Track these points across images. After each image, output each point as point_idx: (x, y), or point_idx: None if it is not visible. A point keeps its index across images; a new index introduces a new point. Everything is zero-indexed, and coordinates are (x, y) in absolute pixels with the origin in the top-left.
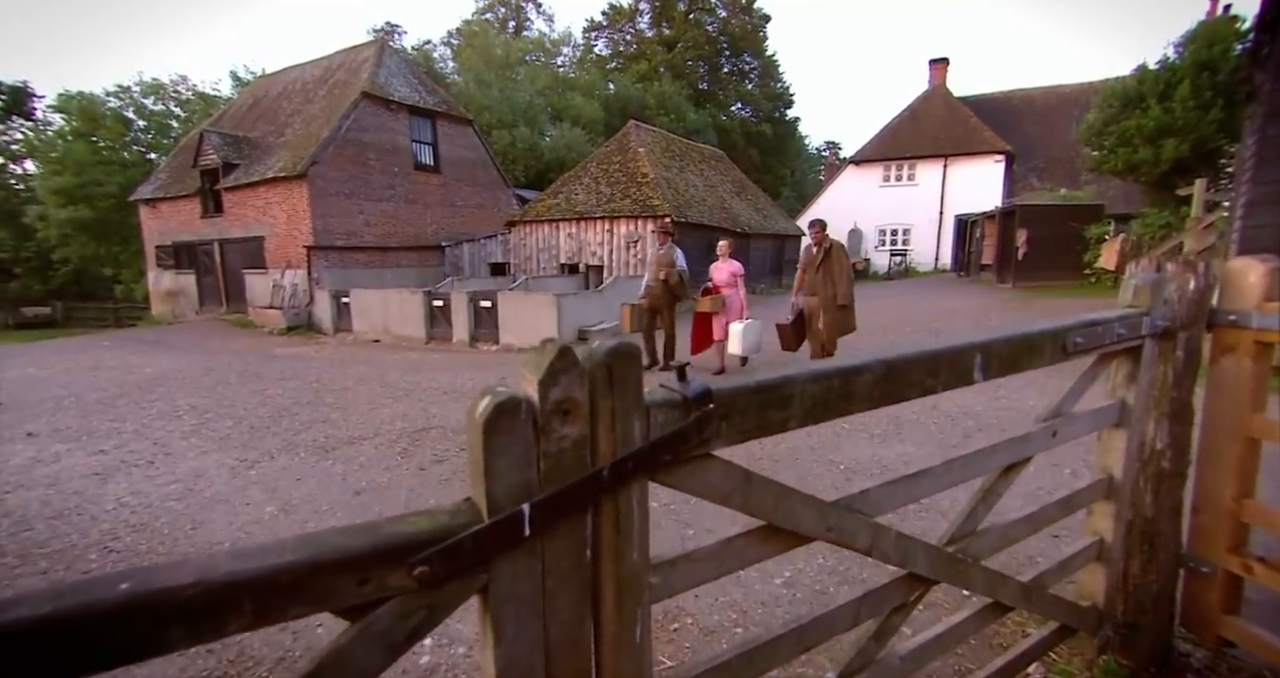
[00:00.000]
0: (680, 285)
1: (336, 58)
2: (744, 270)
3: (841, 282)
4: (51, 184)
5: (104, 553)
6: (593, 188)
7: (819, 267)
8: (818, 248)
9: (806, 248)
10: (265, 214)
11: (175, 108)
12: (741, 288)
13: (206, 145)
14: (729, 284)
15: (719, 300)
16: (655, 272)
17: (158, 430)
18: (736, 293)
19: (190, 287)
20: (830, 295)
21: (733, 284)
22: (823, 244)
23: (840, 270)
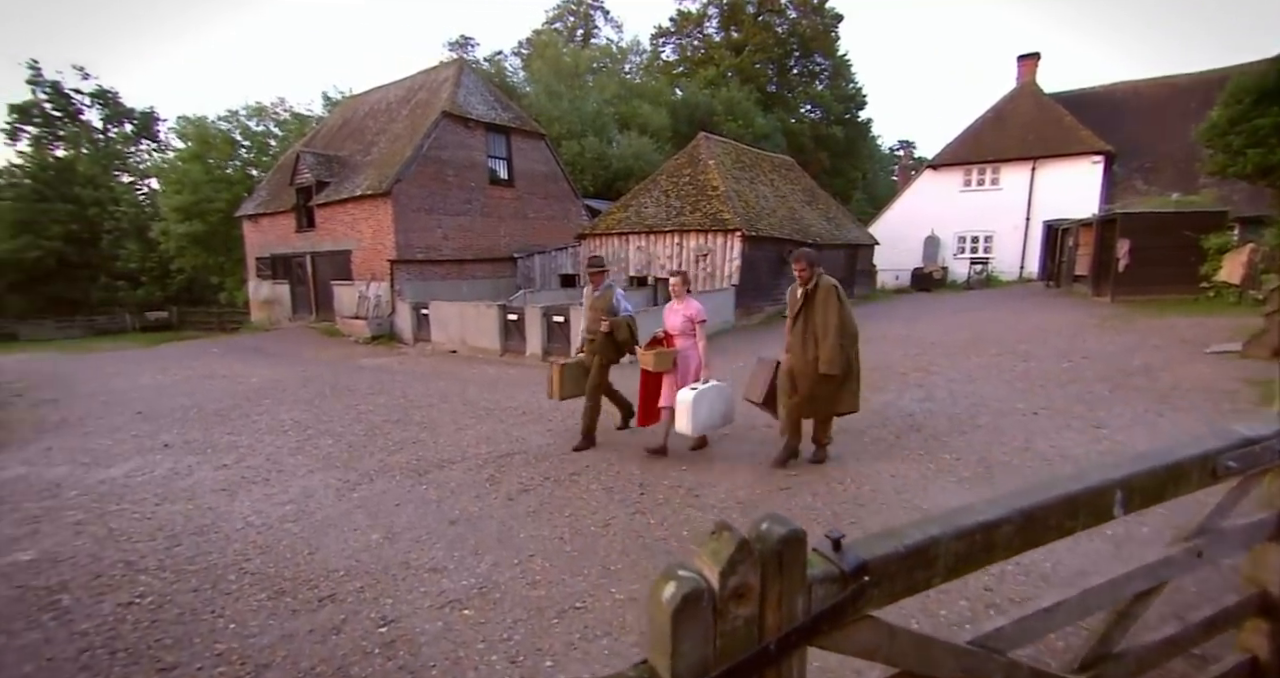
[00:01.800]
0: (630, 336)
1: (418, 78)
2: (705, 313)
3: (827, 339)
4: (172, 202)
5: (240, 574)
6: (662, 201)
7: (797, 315)
8: (801, 288)
9: (791, 289)
10: (353, 229)
11: (274, 127)
12: (702, 337)
13: (302, 165)
14: (685, 332)
15: (667, 356)
16: (591, 319)
17: (268, 446)
18: (695, 345)
19: (285, 296)
20: (809, 359)
21: (690, 332)
22: (807, 283)
23: (827, 322)
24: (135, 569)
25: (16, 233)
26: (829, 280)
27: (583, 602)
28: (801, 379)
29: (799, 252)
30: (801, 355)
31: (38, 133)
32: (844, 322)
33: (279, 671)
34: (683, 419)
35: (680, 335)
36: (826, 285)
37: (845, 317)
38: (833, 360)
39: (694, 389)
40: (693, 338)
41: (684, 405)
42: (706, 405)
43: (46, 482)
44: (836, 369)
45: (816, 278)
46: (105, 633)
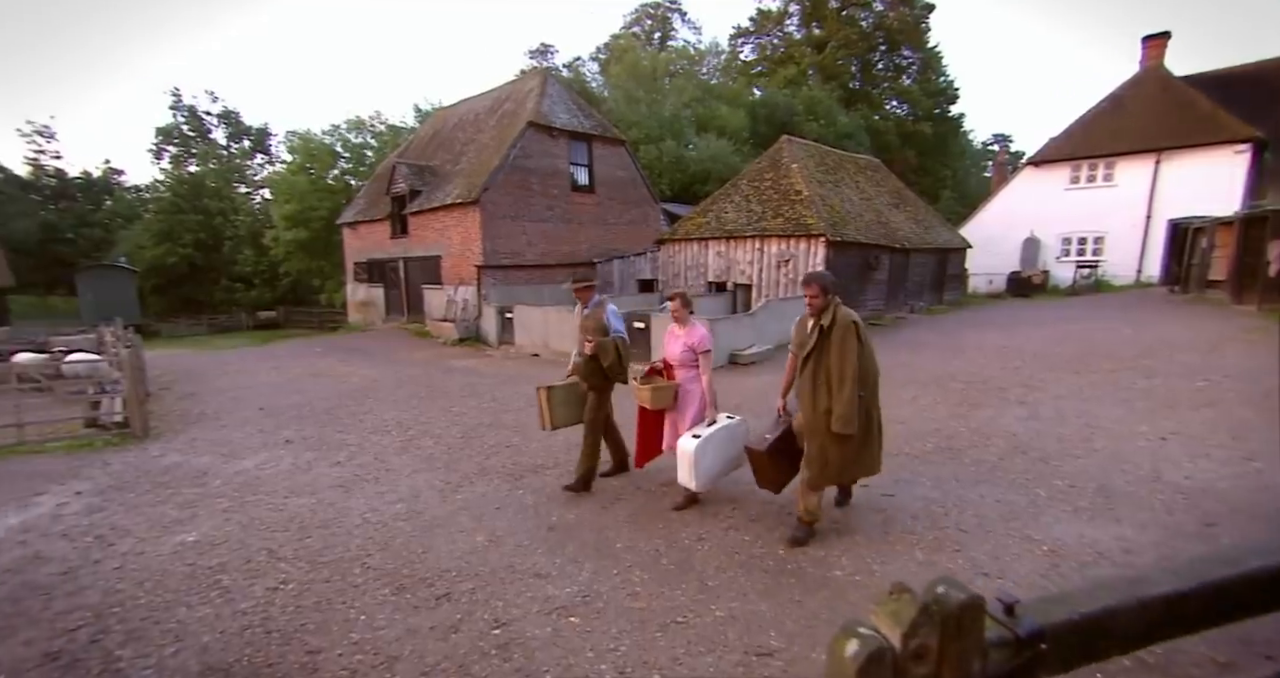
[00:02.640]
0: (617, 362)
1: (504, 89)
2: (710, 342)
3: (843, 389)
4: (282, 210)
5: (364, 569)
6: (743, 206)
7: (809, 356)
8: (813, 320)
9: (799, 321)
10: (443, 236)
11: (370, 139)
12: (706, 369)
13: (397, 175)
14: (686, 363)
15: (666, 391)
16: (580, 341)
17: (375, 445)
18: (699, 378)
19: (379, 298)
20: (820, 412)
21: (692, 363)
22: (820, 315)
23: (843, 368)
24: (276, 557)
25: (159, 241)
26: (848, 314)
27: (684, 616)
28: (811, 438)
29: (811, 274)
30: (811, 407)
31: (176, 152)
32: (864, 367)
33: (408, 663)
34: (684, 471)
35: (681, 366)
36: (845, 321)
37: (866, 361)
38: (848, 417)
39: (697, 436)
40: (695, 369)
41: (685, 455)
42: (712, 453)
43: (196, 470)
44: (852, 428)
45: (833, 309)
46: (260, 613)
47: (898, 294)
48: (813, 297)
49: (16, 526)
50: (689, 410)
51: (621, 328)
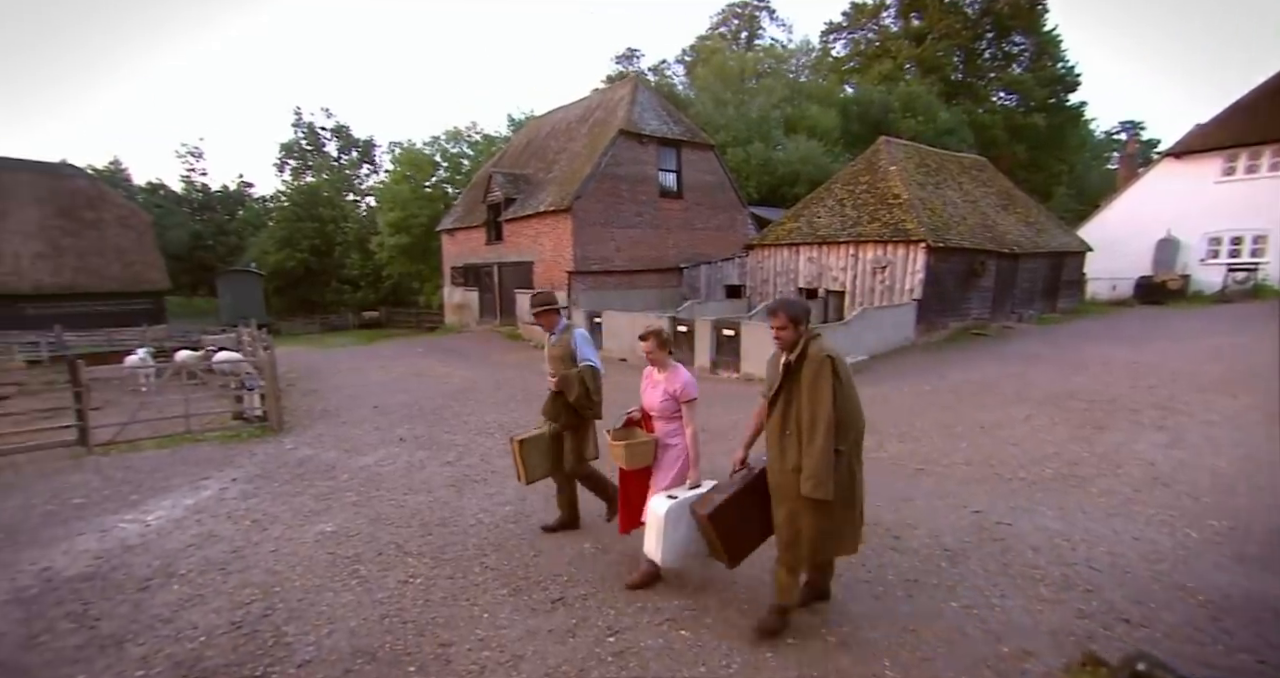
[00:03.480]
0: (585, 396)
1: (594, 98)
2: (695, 388)
3: (814, 441)
4: (387, 217)
5: (483, 568)
6: (837, 210)
7: (775, 399)
8: (786, 355)
9: (771, 359)
10: (535, 242)
11: (467, 149)
12: (690, 421)
13: (493, 184)
14: (667, 414)
15: (644, 448)
16: (550, 371)
17: (481, 447)
18: (681, 432)
19: (474, 302)
20: (790, 468)
21: (674, 413)
22: (792, 348)
23: (815, 414)
24: (404, 552)
25: (280, 247)
26: (823, 347)
27: (795, 638)
28: (779, 502)
29: (777, 301)
30: (779, 461)
31: (295, 165)
32: (844, 414)
33: (531, 664)
34: (650, 539)
35: (661, 418)
36: (818, 356)
37: (846, 406)
38: (821, 476)
39: (672, 498)
40: (677, 422)
41: (654, 521)
42: (688, 524)
43: (325, 464)
44: (826, 491)
45: (804, 342)
46: (394, 604)
47: (1005, 302)
48: (779, 329)
49: (192, 506)
50: (669, 470)
51: (592, 356)
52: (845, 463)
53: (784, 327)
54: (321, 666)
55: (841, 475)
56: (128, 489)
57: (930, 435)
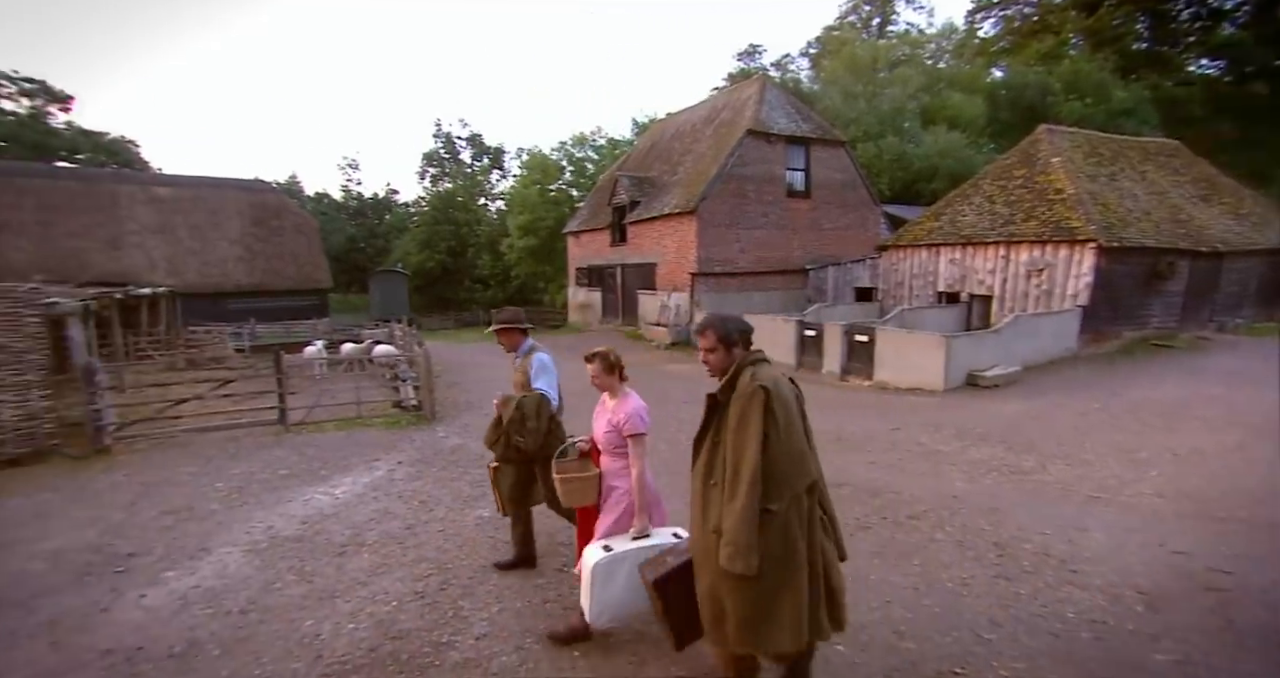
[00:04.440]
0: (520, 424)
1: (720, 98)
2: (644, 422)
3: (736, 497)
4: (517, 221)
5: None
6: (986, 208)
7: (701, 435)
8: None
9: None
10: (659, 244)
11: (591, 153)
12: (638, 458)
13: (619, 187)
14: (613, 448)
15: (583, 484)
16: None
17: None
18: (629, 470)
19: (597, 302)
20: (711, 528)
21: (620, 448)
22: (722, 375)
23: (739, 460)
24: (555, 541)
25: (421, 249)
26: (758, 377)
27: (962, 667)
28: (699, 567)
29: (706, 317)
30: (700, 519)
31: (434, 172)
32: (777, 463)
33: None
34: (583, 593)
35: (607, 453)
36: (747, 388)
37: (780, 453)
38: (739, 544)
39: (608, 549)
40: (624, 458)
41: (585, 572)
42: (624, 579)
43: (475, 453)
44: (745, 564)
45: (734, 370)
46: (552, 590)
47: (1200, 308)
48: (706, 351)
49: (369, 483)
50: (610, 515)
51: (545, 384)
52: (780, 527)
53: (712, 348)
54: (495, 640)
55: (772, 544)
56: (317, 465)
57: (1106, 460)
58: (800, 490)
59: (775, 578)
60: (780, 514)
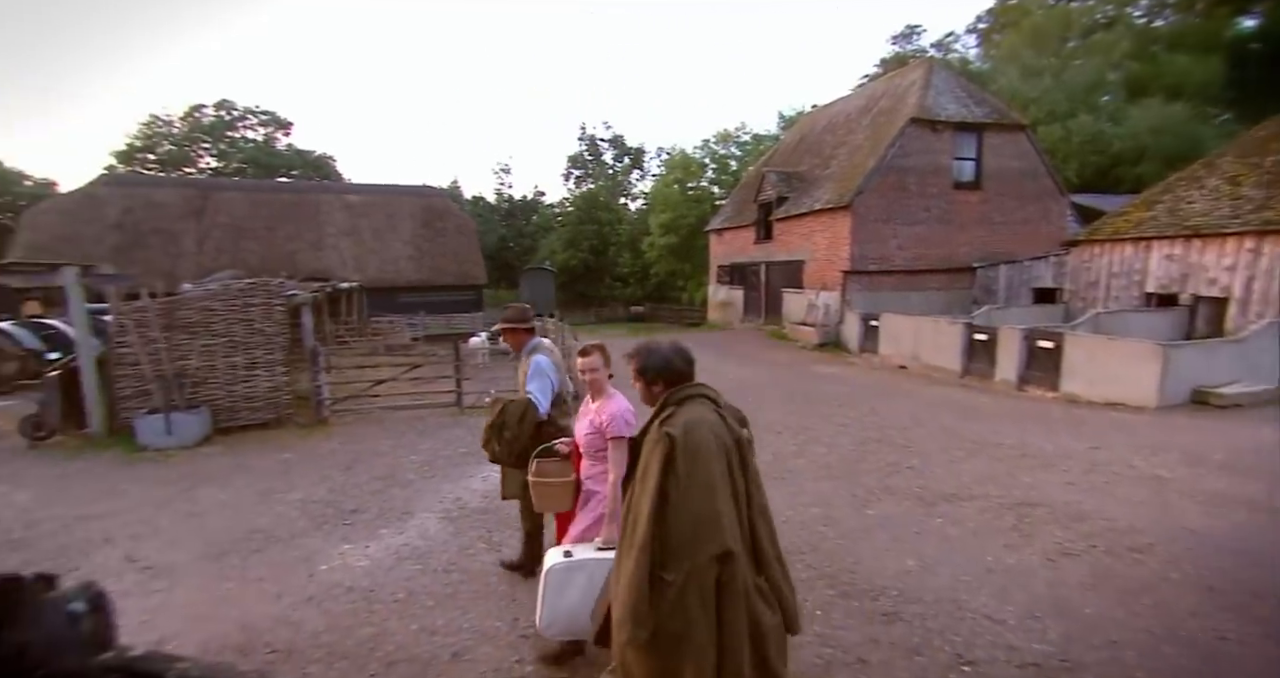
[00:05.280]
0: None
1: (878, 86)
2: (629, 424)
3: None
4: (658, 219)
5: (806, 566)
6: (1225, 192)
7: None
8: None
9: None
10: (808, 241)
11: (734, 149)
12: (616, 465)
13: (766, 183)
14: (593, 451)
15: (556, 490)
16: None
17: (771, 445)
18: (606, 475)
19: (739, 300)
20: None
21: (600, 452)
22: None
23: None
24: None
25: (565, 247)
26: (675, 420)
27: None
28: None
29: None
30: (616, 572)
31: (578, 174)
32: (674, 525)
33: (878, 671)
34: (539, 603)
35: (588, 455)
36: (652, 436)
37: (681, 513)
38: (626, 609)
39: (569, 554)
40: (604, 463)
41: (542, 579)
42: (579, 590)
43: None
44: (630, 631)
45: (655, 410)
46: None
47: None
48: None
49: None
50: (583, 522)
51: (538, 389)
52: (675, 599)
53: (634, 380)
54: None
55: (666, 618)
56: None
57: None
58: (703, 560)
59: (671, 654)
60: (675, 585)
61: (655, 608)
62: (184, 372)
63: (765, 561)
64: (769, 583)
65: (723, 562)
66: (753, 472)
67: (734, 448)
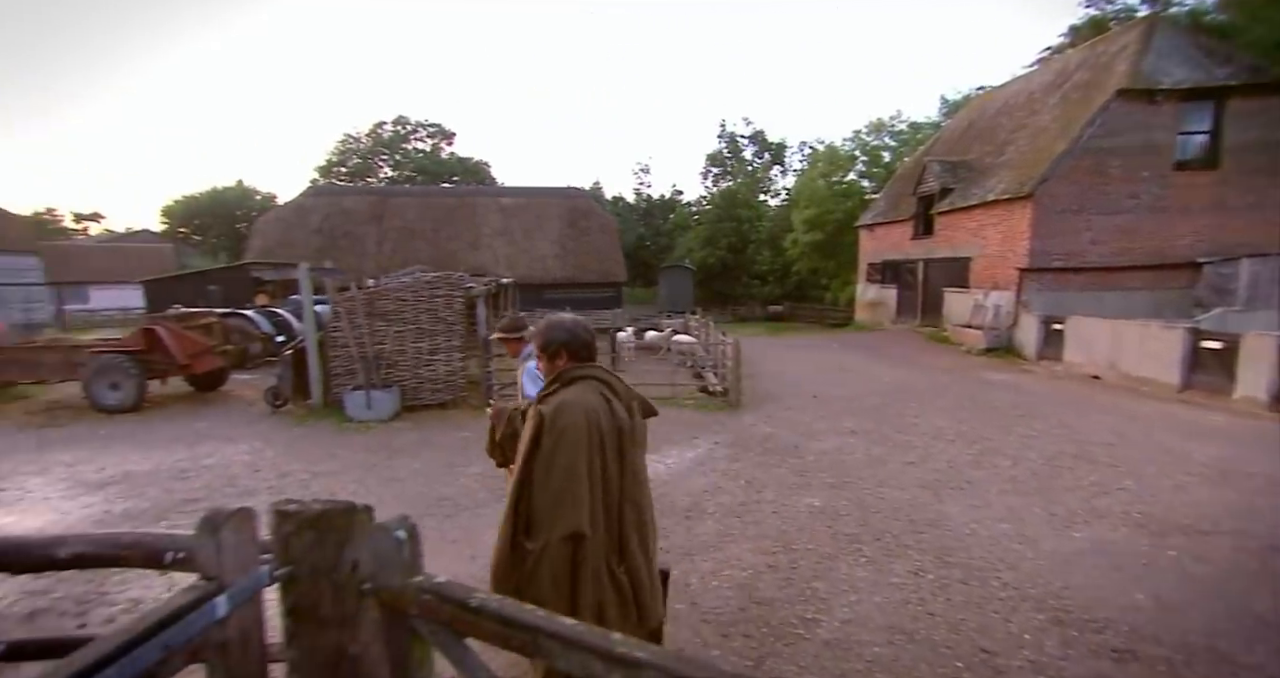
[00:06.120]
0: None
1: (1072, 57)
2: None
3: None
4: (802, 215)
5: (1002, 584)
6: None
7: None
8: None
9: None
10: (976, 235)
11: (888, 140)
12: None
13: (927, 173)
14: None
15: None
16: None
17: (943, 452)
18: None
19: (890, 299)
20: None
21: None
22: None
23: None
24: (901, 543)
25: (703, 245)
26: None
27: None
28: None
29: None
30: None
31: (717, 172)
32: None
33: None
34: None
35: None
36: (531, 410)
37: (545, 485)
38: (493, 569)
39: None
40: None
41: None
42: None
43: (788, 443)
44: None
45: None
46: (911, 591)
47: None
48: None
49: (693, 458)
50: None
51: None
52: (533, 569)
53: (538, 358)
54: (862, 629)
55: (527, 584)
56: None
57: None
58: (554, 538)
59: None
60: (534, 555)
61: (515, 571)
62: (381, 354)
63: (629, 551)
64: (629, 574)
65: (575, 543)
66: (630, 461)
67: (611, 433)
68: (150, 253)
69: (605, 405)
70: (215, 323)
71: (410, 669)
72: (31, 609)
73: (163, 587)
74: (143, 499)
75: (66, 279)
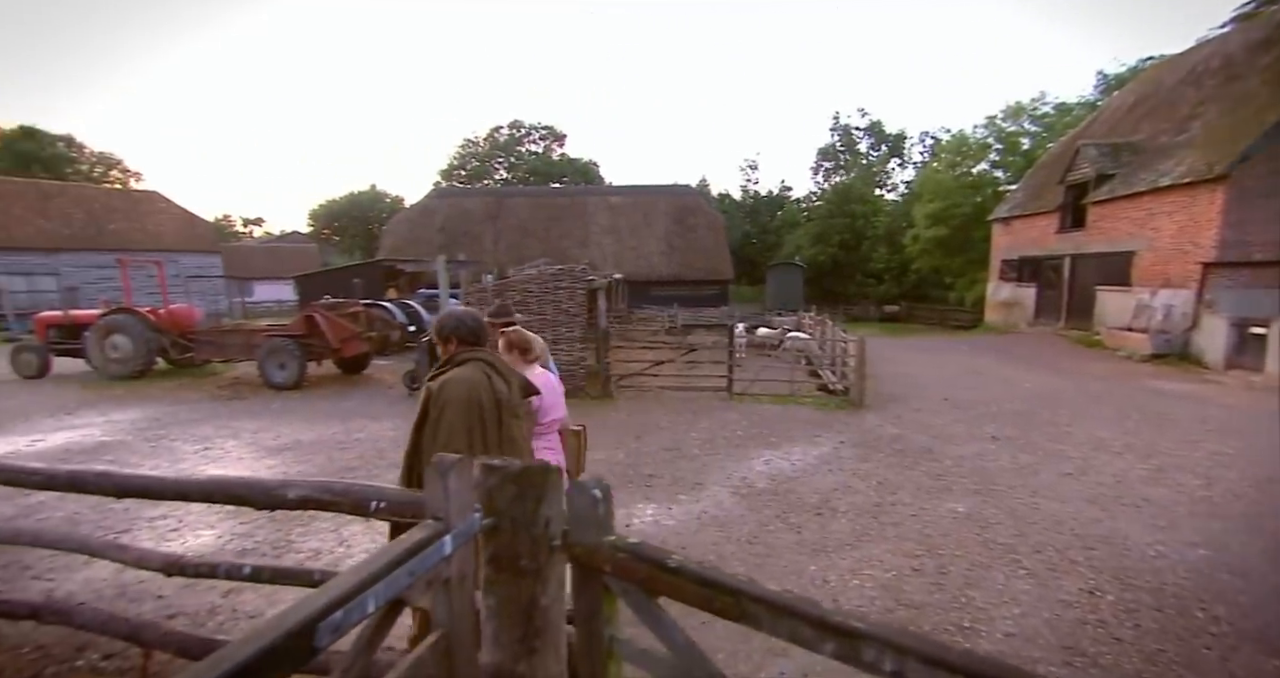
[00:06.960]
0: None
1: None
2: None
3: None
4: (925, 209)
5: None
6: None
7: None
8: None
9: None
10: (1144, 226)
11: (1028, 125)
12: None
13: (1080, 158)
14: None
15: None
16: None
17: (1108, 466)
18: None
19: (1028, 299)
20: None
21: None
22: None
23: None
24: (1068, 559)
25: (813, 243)
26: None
27: None
28: None
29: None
30: None
31: (829, 166)
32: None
33: None
34: None
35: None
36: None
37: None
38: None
39: None
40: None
41: None
42: None
43: (920, 446)
44: None
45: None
46: (1087, 609)
47: None
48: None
49: (818, 456)
50: None
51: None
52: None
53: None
54: (1028, 644)
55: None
56: (765, 432)
57: None
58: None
59: None
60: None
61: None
62: None
63: None
64: None
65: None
66: (508, 428)
67: (491, 406)
68: (300, 252)
69: (487, 382)
70: (360, 312)
71: (598, 624)
72: (241, 549)
73: (335, 541)
74: (310, 465)
75: (237, 275)
